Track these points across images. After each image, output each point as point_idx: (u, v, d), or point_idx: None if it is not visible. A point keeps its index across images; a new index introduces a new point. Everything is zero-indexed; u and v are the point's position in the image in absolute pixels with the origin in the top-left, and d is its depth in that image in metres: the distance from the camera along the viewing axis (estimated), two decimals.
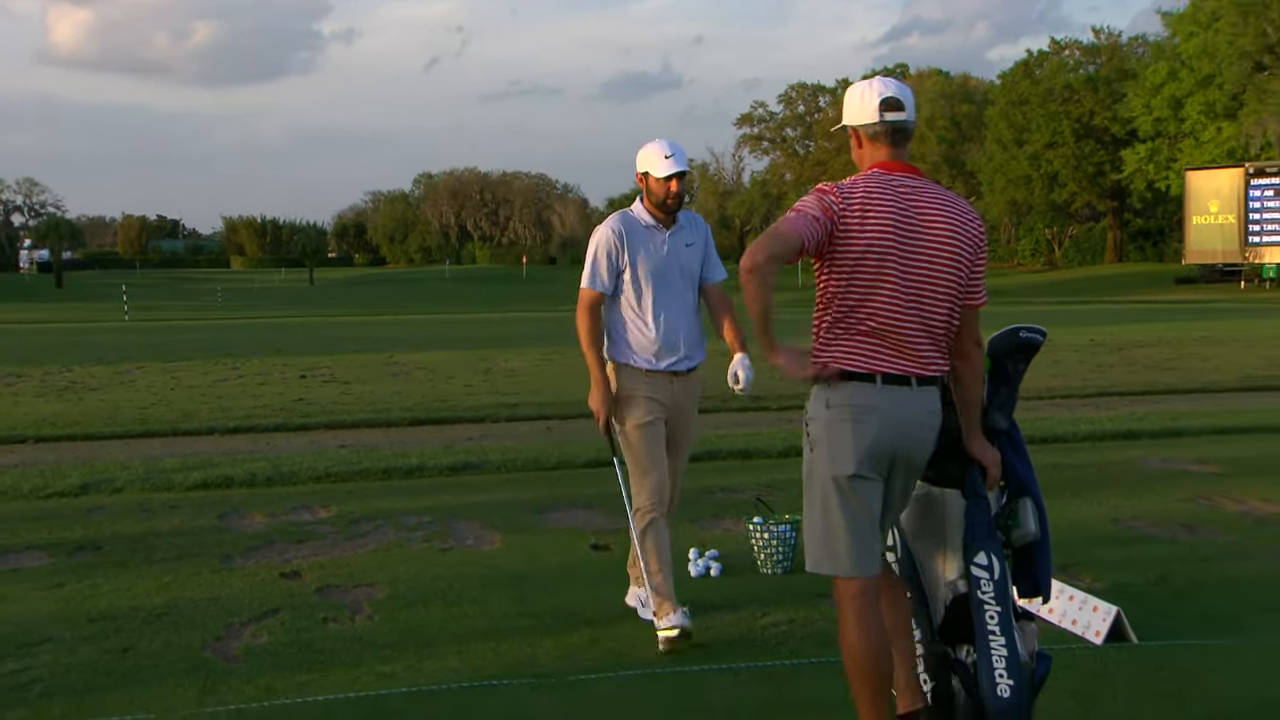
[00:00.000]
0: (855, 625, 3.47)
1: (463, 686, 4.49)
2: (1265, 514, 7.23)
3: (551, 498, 7.96)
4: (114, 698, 4.42)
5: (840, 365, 3.43)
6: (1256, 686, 4.40)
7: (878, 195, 3.42)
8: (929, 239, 3.43)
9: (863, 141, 3.58)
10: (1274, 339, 21.72)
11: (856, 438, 3.40)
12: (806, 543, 3.56)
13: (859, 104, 3.56)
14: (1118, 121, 63.54)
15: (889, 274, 3.40)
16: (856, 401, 3.41)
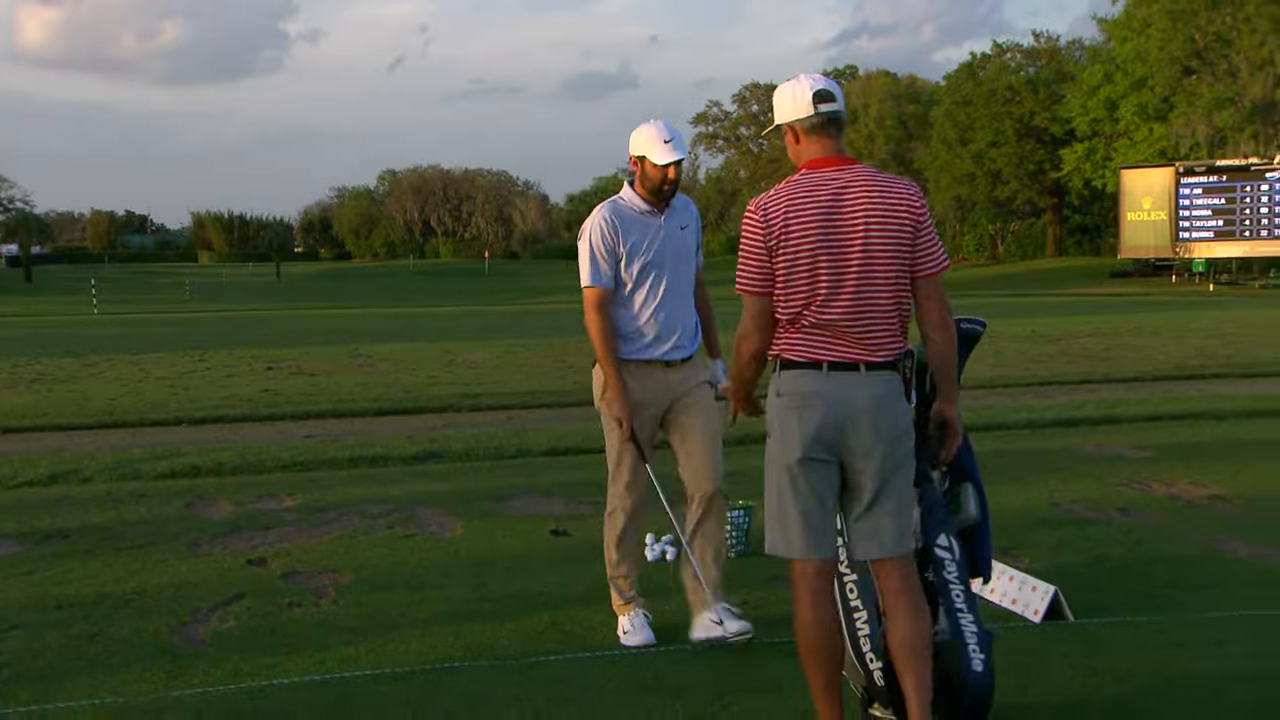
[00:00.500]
0: (807, 606, 3.47)
1: (425, 669, 4.47)
2: (1193, 497, 7.32)
3: (512, 485, 7.94)
4: (82, 682, 4.37)
5: (787, 356, 3.45)
6: (1185, 660, 4.46)
7: (801, 199, 3.43)
8: (857, 229, 3.40)
9: (799, 137, 3.56)
10: (1203, 330, 22.00)
11: (802, 424, 3.40)
12: (765, 526, 3.57)
13: (792, 101, 3.55)
14: (1056, 122, 64.03)
15: (822, 272, 3.39)
16: (801, 389, 3.41)
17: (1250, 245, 47.02)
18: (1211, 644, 4.62)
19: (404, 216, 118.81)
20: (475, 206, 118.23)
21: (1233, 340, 19.45)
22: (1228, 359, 16.36)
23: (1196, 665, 4.40)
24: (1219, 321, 24.56)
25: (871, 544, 3.50)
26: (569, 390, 13.50)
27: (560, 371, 15.94)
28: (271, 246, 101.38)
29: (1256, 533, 6.40)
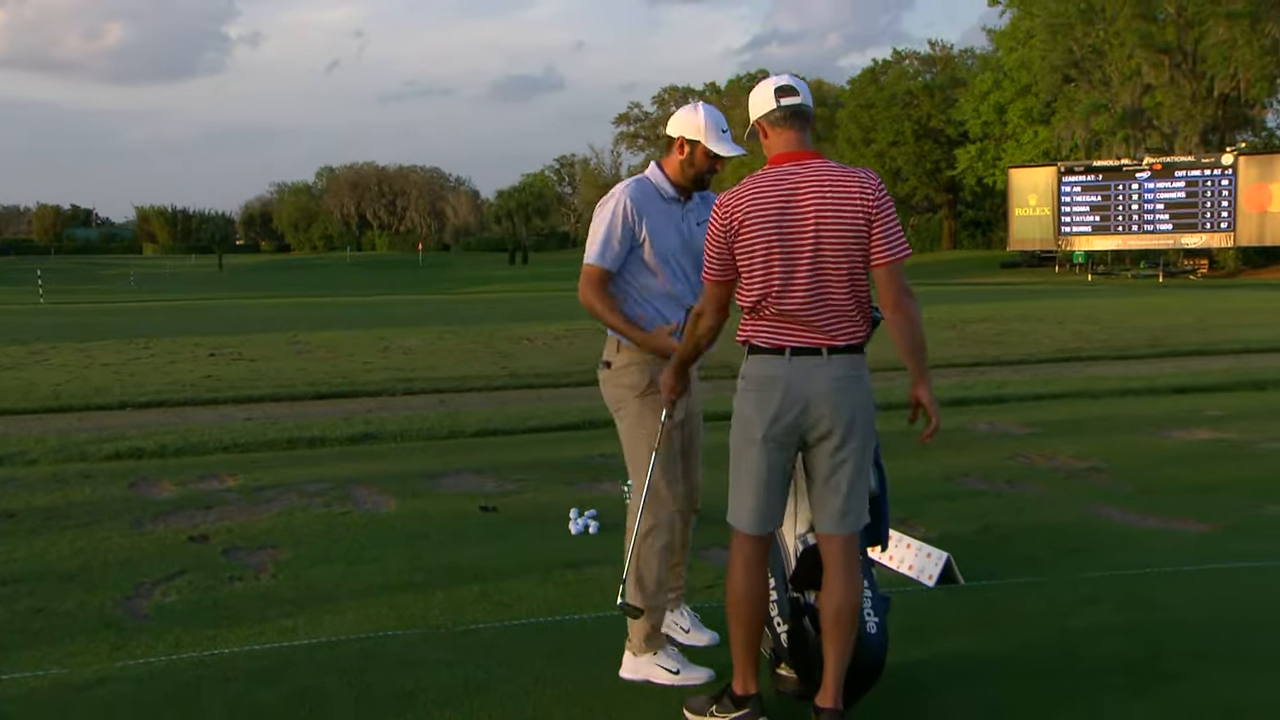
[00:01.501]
0: (741, 572, 3.52)
1: (360, 637, 4.43)
2: (1072, 468, 7.49)
3: (444, 465, 7.89)
4: (28, 655, 4.28)
5: (754, 342, 3.45)
6: (1061, 616, 4.56)
7: (760, 194, 3.38)
8: (810, 222, 3.35)
9: (768, 132, 3.50)
10: (1081, 317, 22.46)
11: (761, 406, 3.40)
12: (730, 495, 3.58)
13: (759, 98, 3.52)
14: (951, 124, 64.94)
15: (776, 265, 3.36)
16: (763, 373, 3.41)
17: (1123, 239, 48.09)
18: (1083, 602, 4.72)
19: (341, 211, 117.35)
20: (409, 202, 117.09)
21: (1107, 326, 19.88)
22: (1103, 343, 16.72)
23: (1072, 621, 4.50)
24: (1095, 309, 25.10)
25: (824, 519, 3.48)
26: (498, 375, 13.44)
27: (491, 357, 15.85)
28: (214, 239, 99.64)
29: (1127, 500, 6.56)
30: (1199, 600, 4.73)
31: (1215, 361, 14.19)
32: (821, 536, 3.53)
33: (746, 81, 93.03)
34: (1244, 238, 45.81)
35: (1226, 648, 4.17)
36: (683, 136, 4.03)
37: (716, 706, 3.57)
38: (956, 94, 64.46)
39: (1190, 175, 46.13)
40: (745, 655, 3.55)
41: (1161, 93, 51.19)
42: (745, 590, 3.52)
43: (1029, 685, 3.86)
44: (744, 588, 3.52)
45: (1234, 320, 20.70)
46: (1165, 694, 3.76)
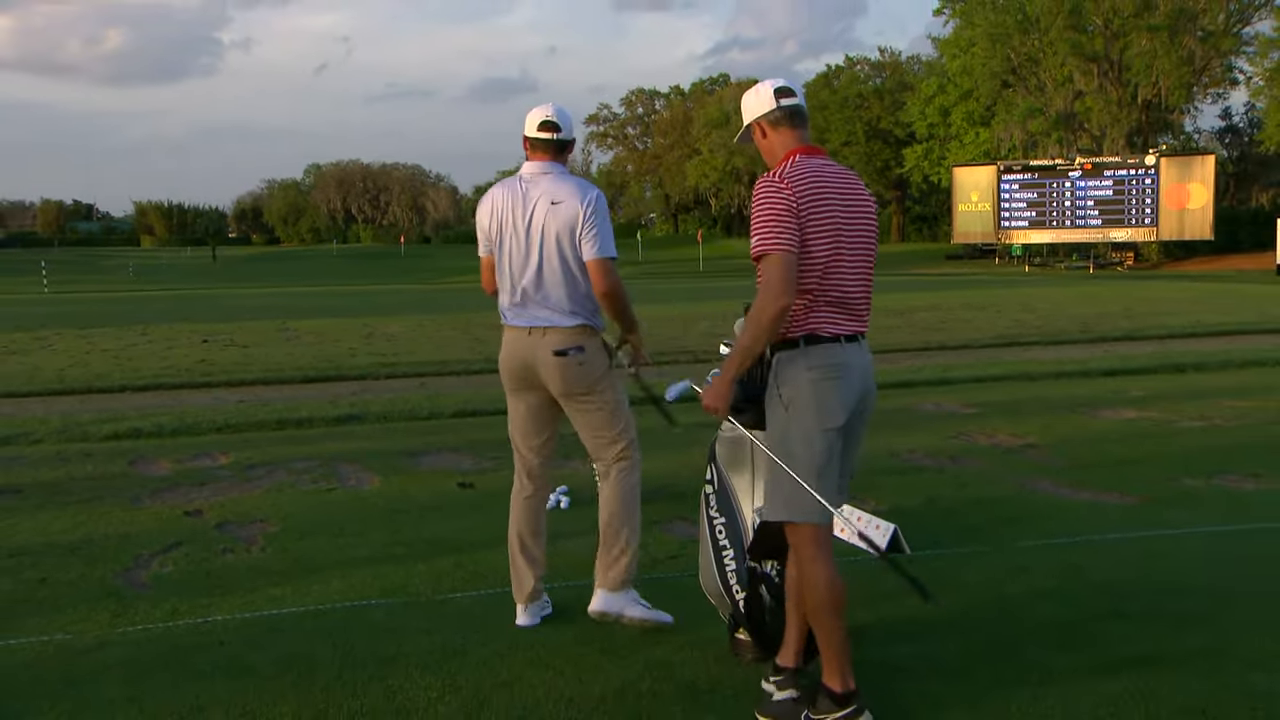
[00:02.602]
0: (823, 563, 3.28)
1: (345, 605, 4.41)
2: (1010, 445, 7.54)
3: (424, 444, 7.85)
4: (33, 622, 4.24)
5: (812, 331, 3.25)
6: (998, 583, 4.60)
7: (820, 178, 3.25)
8: (859, 212, 3.32)
9: (767, 132, 3.40)
10: (1019, 305, 22.61)
11: (841, 393, 3.25)
12: (775, 495, 3.32)
13: (756, 100, 3.44)
14: (899, 125, 65.08)
15: (843, 250, 3.26)
16: (835, 360, 3.25)
17: (1057, 233, 48.41)
18: (1019, 569, 4.76)
19: (328, 206, 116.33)
20: (392, 197, 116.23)
21: (1042, 314, 20.03)
22: (1039, 329, 16.85)
23: (1008, 587, 4.55)
24: (1032, 298, 25.28)
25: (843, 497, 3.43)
26: (475, 359, 13.38)
27: (468, 343, 15.77)
28: (208, 232, 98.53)
29: (1060, 474, 6.62)
30: (1122, 566, 4.79)
31: (1140, 346, 14.34)
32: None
33: (709, 85, 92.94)
34: (1165, 232, 46.30)
35: (1145, 608, 4.23)
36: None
37: (813, 710, 3.30)
38: (904, 97, 64.63)
39: (1117, 175, 46.50)
40: (844, 650, 3.30)
41: (1091, 98, 51.57)
42: (834, 582, 3.29)
43: (970, 644, 3.90)
44: (831, 578, 3.29)
45: (1157, 308, 20.92)
46: (1090, 650, 3.82)
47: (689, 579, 4.40)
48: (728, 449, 3.96)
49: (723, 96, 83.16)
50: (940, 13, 58.49)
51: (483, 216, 4.24)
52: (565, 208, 4.07)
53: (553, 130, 4.14)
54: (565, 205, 4.07)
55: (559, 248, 4.07)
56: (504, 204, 4.17)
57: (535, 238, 4.09)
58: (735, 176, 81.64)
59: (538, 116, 4.15)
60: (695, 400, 3.53)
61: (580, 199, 4.08)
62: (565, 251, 4.07)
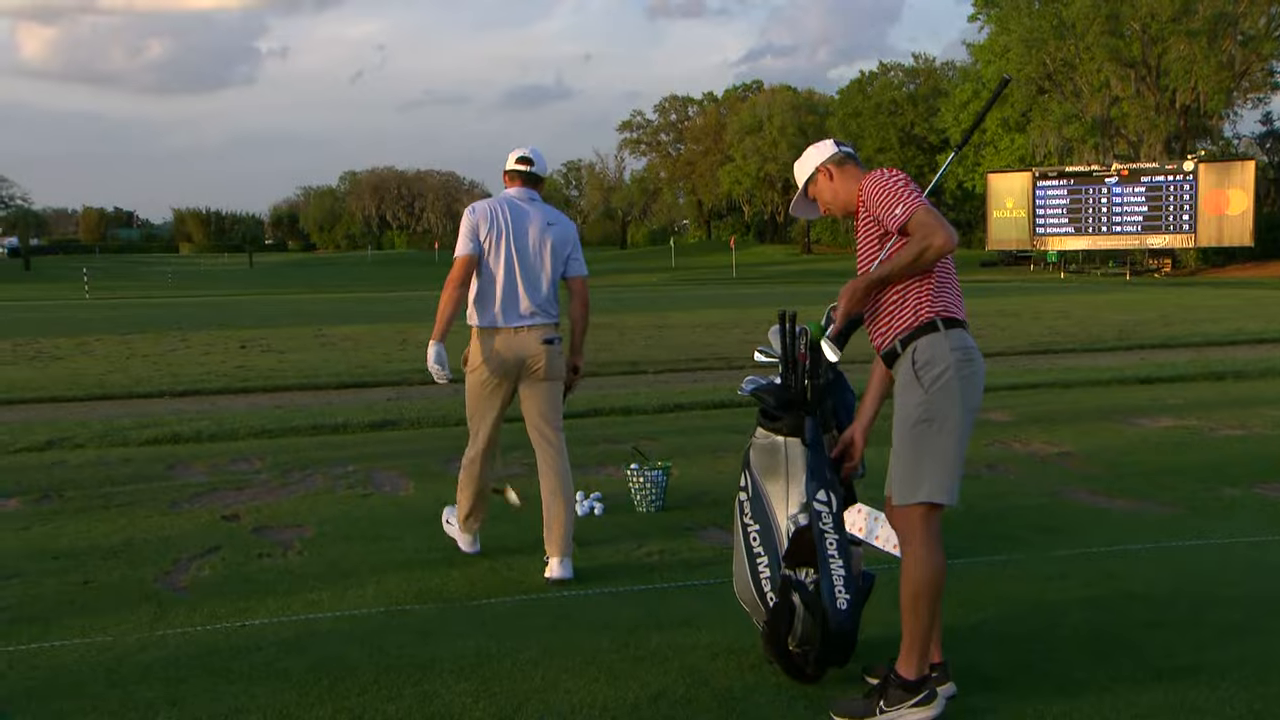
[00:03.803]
0: (938, 547, 3.33)
1: (380, 610, 4.44)
2: (1045, 454, 7.48)
3: (458, 449, 7.79)
4: (76, 623, 4.30)
5: (946, 315, 3.35)
6: (1035, 591, 4.56)
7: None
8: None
9: (833, 174, 3.59)
10: (1055, 312, 22.43)
11: (979, 375, 3.37)
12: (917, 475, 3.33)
13: (817, 152, 3.65)
14: (933, 131, 64.83)
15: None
16: (970, 344, 3.37)
17: (1093, 239, 47.99)
18: (1056, 578, 4.73)
19: (363, 212, 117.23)
20: (426, 203, 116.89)
21: (1079, 321, 19.86)
22: (1075, 337, 16.71)
23: (1043, 595, 4.51)
24: (1068, 305, 25.07)
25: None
26: None
27: None
28: (245, 239, 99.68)
29: (1097, 483, 6.56)
30: (1160, 575, 4.74)
31: (1177, 354, 14.18)
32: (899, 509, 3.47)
33: (742, 91, 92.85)
34: (1204, 239, 45.76)
35: (1184, 618, 4.18)
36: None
37: (885, 701, 3.29)
38: (938, 103, 64.34)
39: (1154, 181, 46.03)
40: (929, 638, 3.32)
41: (1128, 104, 51.12)
42: (942, 564, 3.32)
43: (1006, 653, 3.87)
44: (941, 561, 3.32)
45: (1194, 315, 20.68)
46: (1129, 660, 3.77)
47: (722, 586, 4.40)
48: (762, 456, 3.95)
49: (756, 103, 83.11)
50: (975, 18, 58.28)
51: (479, 224, 4.92)
52: (559, 230, 4.98)
53: (528, 164, 5.00)
54: (559, 228, 4.98)
55: (552, 262, 4.95)
56: (503, 218, 4.91)
57: (534, 251, 4.91)
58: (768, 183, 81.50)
59: (516, 153, 5.03)
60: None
61: (569, 226, 5.05)
62: (552, 265, 4.95)
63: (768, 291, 38.28)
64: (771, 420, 3.82)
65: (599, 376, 12.81)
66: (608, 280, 61.43)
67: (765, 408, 3.87)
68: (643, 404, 9.95)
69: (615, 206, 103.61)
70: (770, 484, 3.93)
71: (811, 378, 3.79)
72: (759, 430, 3.89)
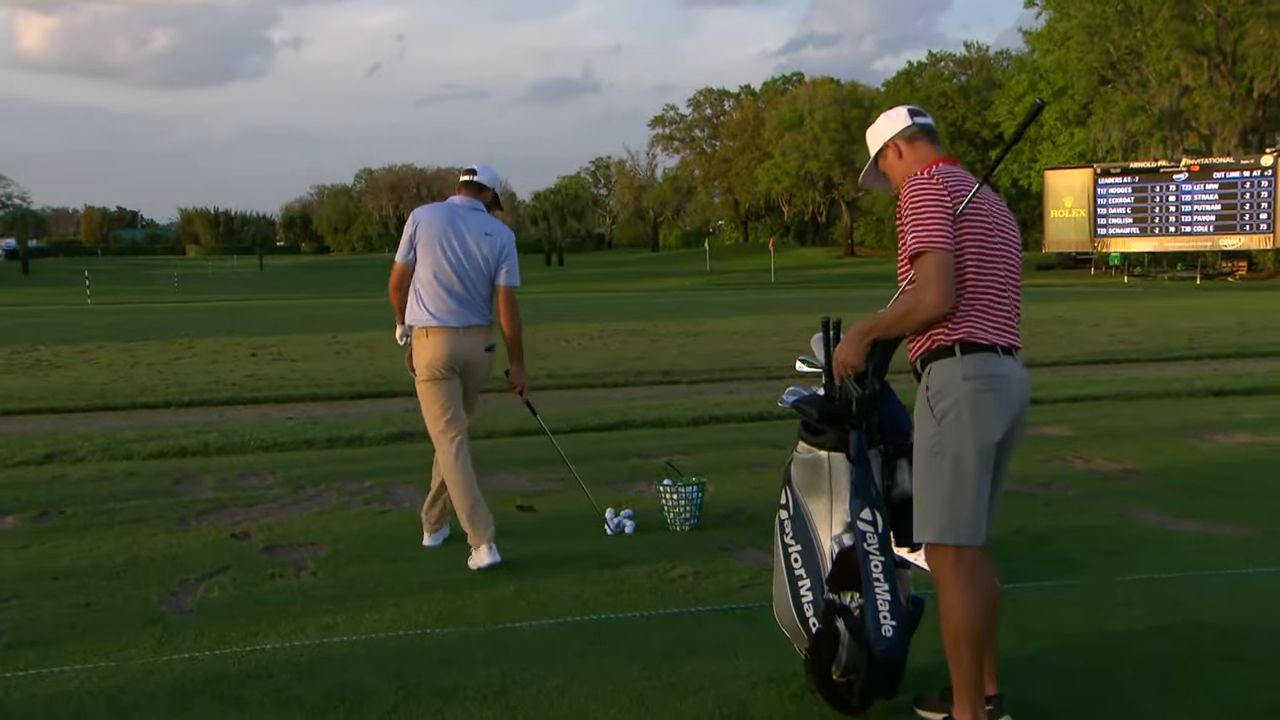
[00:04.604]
0: (970, 588, 3.31)
1: (399, 635, 4.46)
2: (1107, 471, 7.42)
3: (480, 464, 7.89)
4: (76, 648, 4.34)
5: (974, 339, 3.27)
6: (1097, 619, 4.52)
7: (964, 182, 3.33)
8: (1006, 220, 3.37)
9: (903, 150, 3.52)
10: (1118, 318, 22.25)
11: (1001, 405, 3.25)
12: (925, 513, 3.36)
13: (888, 123, 3.58)
14: (986, 126, 64.58)
15: (997, 252, 3.31)
16: (993, 370, 3.26)
17: (1160, 241, 47.58)
18: (1120, 605, 4.68)
19: (380, 213, 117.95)
20: None
21: (1144, 328, 19.69)
22: (1139, 345, 16.56)
23: (1106, 624, 4.46)
24: (1132, 311, 24.86)
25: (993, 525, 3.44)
26: (534, 375, 13.47)
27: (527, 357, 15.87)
28: (255, 241, 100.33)
29: (1165, 503, 6.49)
30: (1237, 604, 4.68)
31: (1255, 364, 14.02)
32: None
33: (782, 84, 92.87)
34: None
35: (1263, 652, 4.12)
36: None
37: None
38: (992, 96, 64.10)
39: (1229, 177, 45.56)
40: (978, 684, 3.33)
41: (1200, 94, 50.64)
42: (977, 607, 3.30)
43: (1067, 686, 3.83)
44: (980, 604, 3.31)
45: (1273, 322, 20.45)
46: (1203, 696, 3.72)
47: (761, 610, 4.39)
48: (804, 472, 3.94)
49: (796, 96, 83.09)
50: (1032, 4, 57.97)
51: (418, 229, 5.64)
52: (493, 240, 5.61)
53: (471, 174, 5.79)
54: (494, 238, 5.62)
55: (486, 269, 5.59)
56: (440, 224, 5.60)
57: (474, 258, 5.56)
58: (809, 181, 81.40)
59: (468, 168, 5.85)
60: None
61: (505, 237, 5.68)
62: (488, 272, 5.60)
63: (809, 297, 38.22)
64: (814, 434, 3.81)
65: (629, 387, 12.84)
66: (638, 285, 61.46)
67: (807, 421, 3.86)
68: (676, 416, 9.95)
69: (646, 206, 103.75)
70: (813, 502, 3.92)
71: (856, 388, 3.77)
72: (800, 444, 3.88)
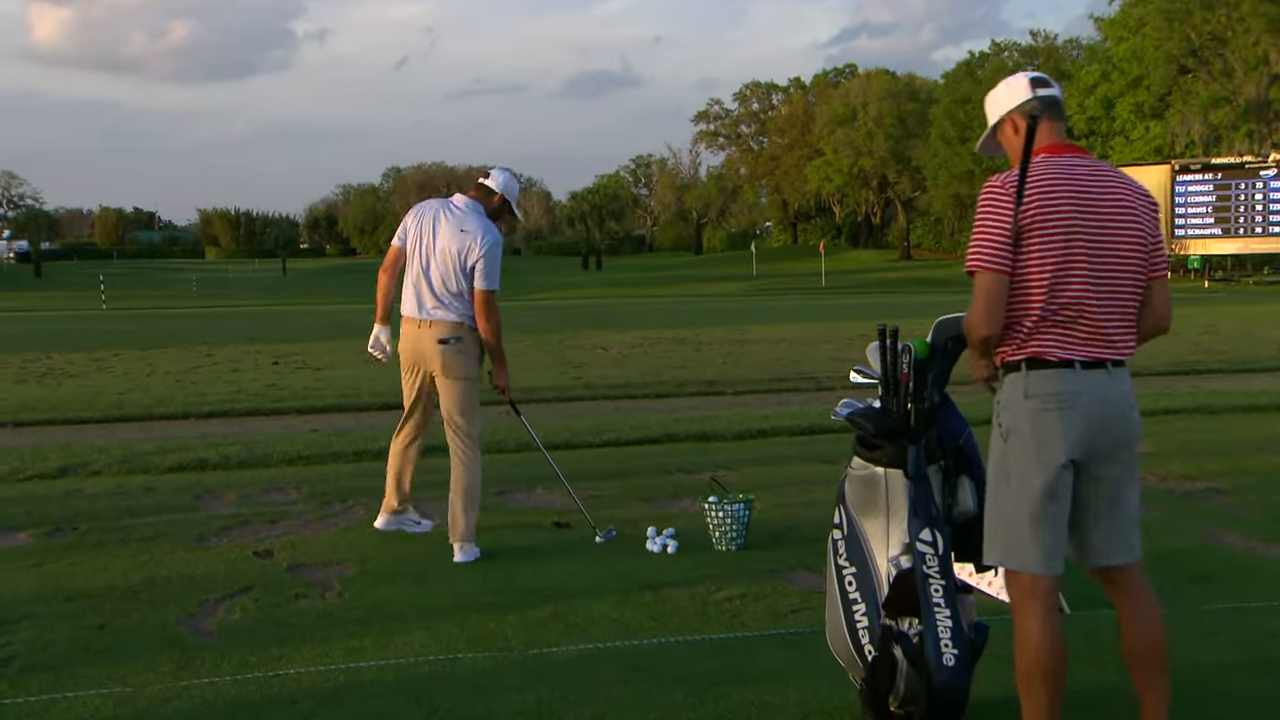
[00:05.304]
0: (1040, 620, 3.30)
1: (429, 659, 4.47)
2: (1190, 490, 7.32)
3: (514, 478, 7.94)
4: (91, 672, 4.37)
5: (1035, 355, 3.25)
6: (1186, 650, 4.44)
7: (1054, 180, 3.26)
8: (1111, 219, 3.28)
9: (1019, 126, 3.40)
10: (1199, 326, 21.97)
11: (1066, 425, 3.21)
12: (991, 535, 3.38)
13: (1008, 92, 3.48)
14: None
15: (1079, 259, 3.23)
16: (1060, 388, 3.22)
17: (1244, 242, 47.01)
18: (1207, 634, 4.62)
19: None
20: None
21: (1228, 336, 19.45)
22: (1222, 355, 16.35)
23: (1192, 655, 4.40)
24: (1214, 318, 24.55)
25: (1116, 549, 3.42)
26: (570, 385, 13.50)
27: (560, 367, 15.93)
28: (277, 243, 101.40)
29: (1254, 526, 6.40)
30: None
31: None
32: (1113, 570, 3.45)
33: (833, 77, 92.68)
34: None
35: None
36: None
37: None
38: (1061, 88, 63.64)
39: None
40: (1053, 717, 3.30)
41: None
42: (1053, 641, 3.29)
43: None
44: (1050, 639, 3.29)
45: None
46: None
47: (813, 636, 4.37)
48: (859, 489, 3.92)
49: (849, 90, 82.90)
50: None
51: (410, 219, 6.16)
52: (466, 238, 5.94)
53: (484, 176, 6.26)
54: (469, 235, 5.95)
55: (454, 265, 5.92)
56: (430, 219, 6.06)
57: (442, 253, 5.95)
58: (862, 180, 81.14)
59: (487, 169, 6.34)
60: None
61: (482, 237, 5.95)
62: (457, 268, 5.93)
63: (862, 303, 38.07)
64: (870, 449, 3.79)
65: (671, 398, 12.82)
66: (681, 290, 61.47)
67: (863, 435, 3.85)
68: (721, 429, 9.93)
69: (689, 207, 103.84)
70: (868, 521, 3.90)
71: (915, 401, 3.75)
72: (855, 460, 3.87)
